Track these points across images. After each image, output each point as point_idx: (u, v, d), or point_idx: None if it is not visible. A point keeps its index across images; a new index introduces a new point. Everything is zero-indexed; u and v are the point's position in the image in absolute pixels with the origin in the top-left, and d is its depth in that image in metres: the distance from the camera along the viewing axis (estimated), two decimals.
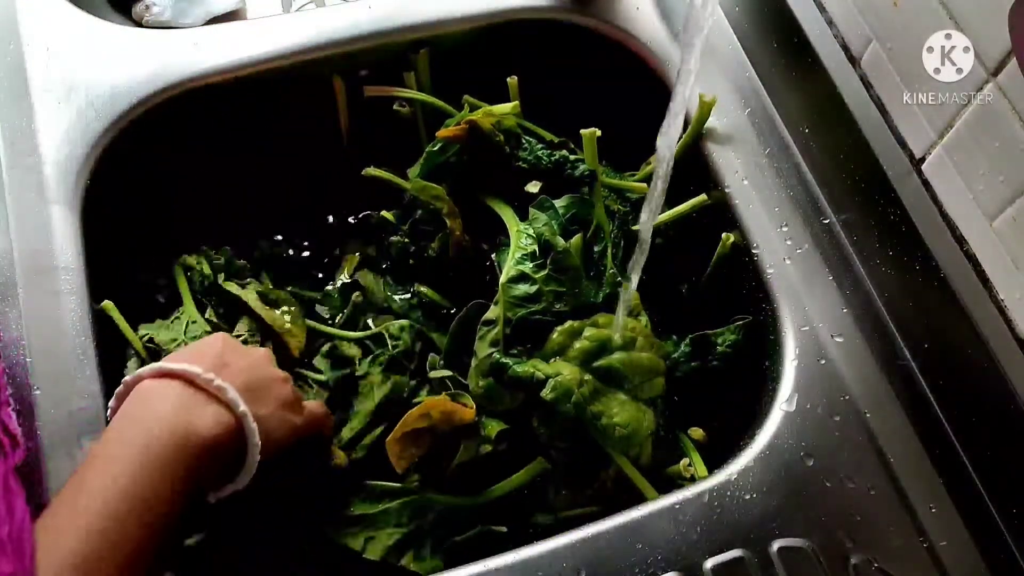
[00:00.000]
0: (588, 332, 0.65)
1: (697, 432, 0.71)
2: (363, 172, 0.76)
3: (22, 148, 0.70)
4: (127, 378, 0.54)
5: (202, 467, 0.51)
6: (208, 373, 0.53)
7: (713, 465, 0.65)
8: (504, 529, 0.65)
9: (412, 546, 0.63)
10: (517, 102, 0.75)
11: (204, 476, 0.52)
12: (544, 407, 0.63)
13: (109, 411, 0.56)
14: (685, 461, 0.68)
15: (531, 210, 0.70)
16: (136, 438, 0.49)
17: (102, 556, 0.45)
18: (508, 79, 0.77)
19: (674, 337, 0.73)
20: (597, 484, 0.65)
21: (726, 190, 0.72)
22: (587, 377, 0.64)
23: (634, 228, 0.72)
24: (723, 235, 0.71)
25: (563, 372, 0.63)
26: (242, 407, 0.53)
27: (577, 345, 0.65)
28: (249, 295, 0.72)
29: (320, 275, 0.84)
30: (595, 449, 0.64)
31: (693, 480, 0.67)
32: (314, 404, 0.63)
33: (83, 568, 0.44)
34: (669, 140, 0.62)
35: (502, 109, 0.74)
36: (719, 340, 0.70)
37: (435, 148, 0.73)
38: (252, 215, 0.82)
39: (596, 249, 0.70)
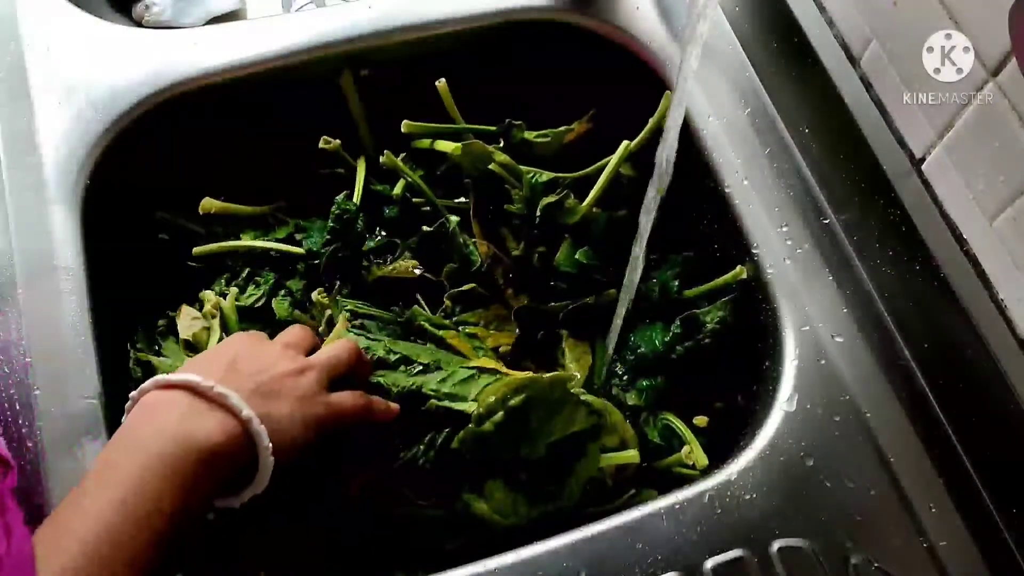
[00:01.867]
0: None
1: (701, 420, 0.71)
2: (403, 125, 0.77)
3: (22, 148, 0.70)
4: (134, 392, 0.54)
5: (207, 476, 0.50)
6: (208, 381, 0.52)
7: (713, 464, 0.65)
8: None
9: (400, 567, 0.64)
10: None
11: (211, 484, 0.51)
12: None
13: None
14: (687, 449, 0.68)
15: None
16: (137, 451, 0.49)
17: (100, 569, 0.45)
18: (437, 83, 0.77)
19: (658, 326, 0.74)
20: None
21: (726, 190, 0.72)
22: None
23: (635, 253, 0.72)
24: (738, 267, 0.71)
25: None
26: (245, 411, 0.52)
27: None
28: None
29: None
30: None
31: (694, 468, 0.67)
32: (345, 394, 0.60)
33: None
34: (668, 151, 0.62)
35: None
36: (707, 318, 0.72)
37: None
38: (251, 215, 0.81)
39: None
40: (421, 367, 0.65)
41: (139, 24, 0.91)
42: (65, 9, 0.77)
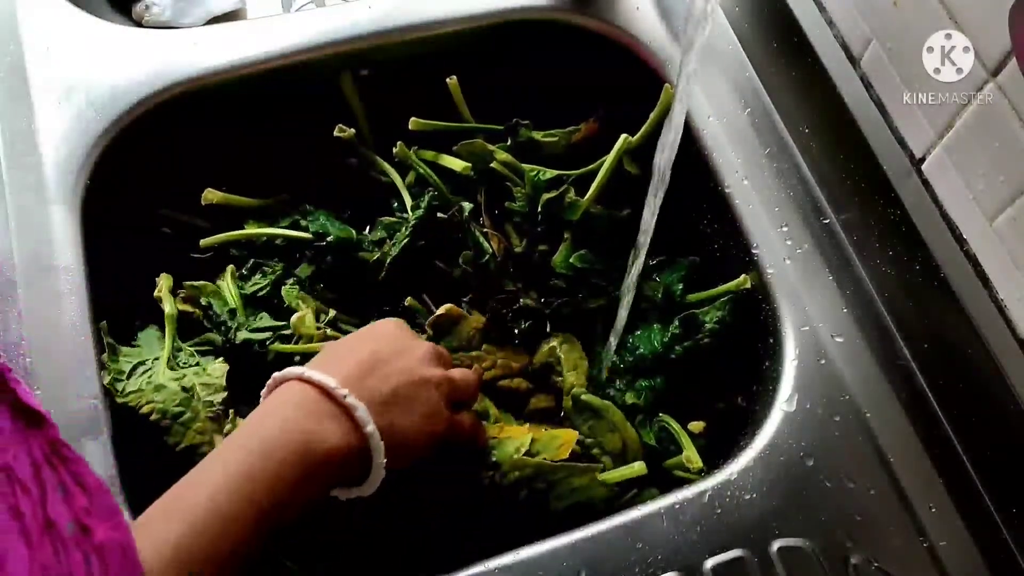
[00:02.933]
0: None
1: (697, 425, 0.71)
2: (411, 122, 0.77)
3: (22, 148, 0.70)
4: (277, 374, 0.55)
5: (320, 475, 0.51)
6: (342, 388, 0.53)
7: (713, 465, 0.65)
8: None
9: None
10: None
11: (321, 483, 0.52)
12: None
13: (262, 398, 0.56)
14: (687, 454, 0.68)
15: None
16: (260, 440, 0.50)
17: (201, 546, 0.46)
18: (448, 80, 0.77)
19: (656, 327, 0.74)
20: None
21: (726, 190, 0.72)
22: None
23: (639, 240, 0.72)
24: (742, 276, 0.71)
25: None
26: (369, 427, 0.53)
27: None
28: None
29: None
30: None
31: (696, 472, 0.67)
32: (464, 415, 0.62)
33: (181, 551, 0.45)
34: (667, 158, 0.63)
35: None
36: (707, 318, 0.72)
37: None
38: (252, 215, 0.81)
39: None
40: None
41: (139, 24, 0.90)
42: (65, 9, 0.77)
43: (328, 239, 0.76)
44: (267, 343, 0.70)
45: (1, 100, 0.72)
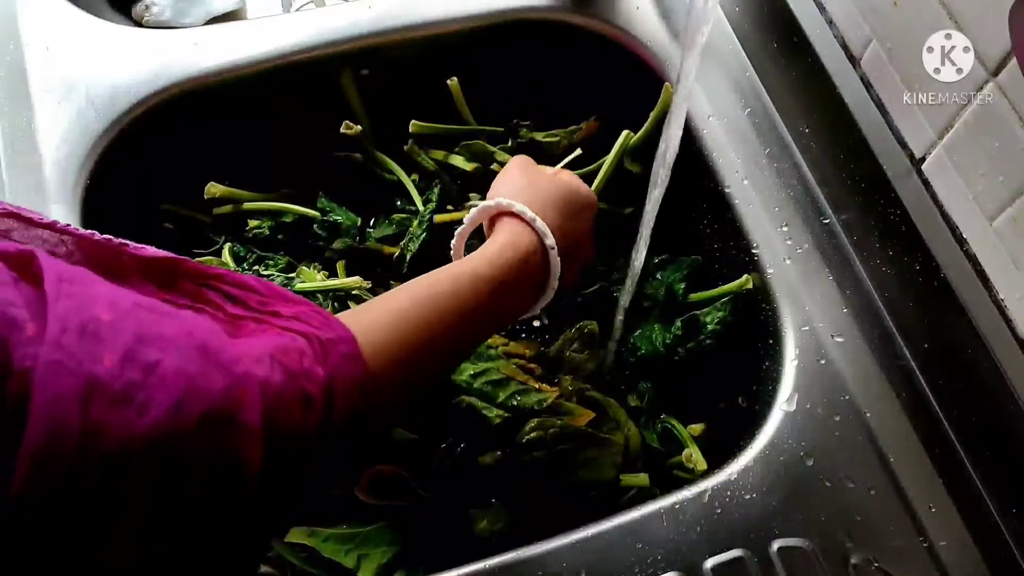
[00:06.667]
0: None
1: (696, 428, 0.71)
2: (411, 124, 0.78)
3: (22, 148, 0.70)
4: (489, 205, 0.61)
5: (521, 273, 0.57)
6: (547, 231, 0.58)
7: (713, 465, 0.65)
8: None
9: (403, 565, 0.64)
10: None
11: (520, 283, 0.57)
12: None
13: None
14: (687, 452, 0.68)
15: None
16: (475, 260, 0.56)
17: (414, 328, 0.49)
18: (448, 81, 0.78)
19: (657, 326, 0.74)
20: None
21: (726, 190, 0.72)
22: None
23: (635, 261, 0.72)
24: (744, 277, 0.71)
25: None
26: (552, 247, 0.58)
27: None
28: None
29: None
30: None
31: (693, 472, 0.68)
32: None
33: (396, 318, 0.48)
34: (668, 158, 0.63)
35: None
36: (708, 319, 0.72)
37: None
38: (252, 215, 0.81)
39: None
40: None
41: (139, 24, 0.90)
42: (65, 9, 0.77)
43: (336, 219, 0.77)
44: None
45: (1, 100, 0.72)
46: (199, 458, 0.34)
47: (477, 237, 0.64)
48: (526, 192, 0.61)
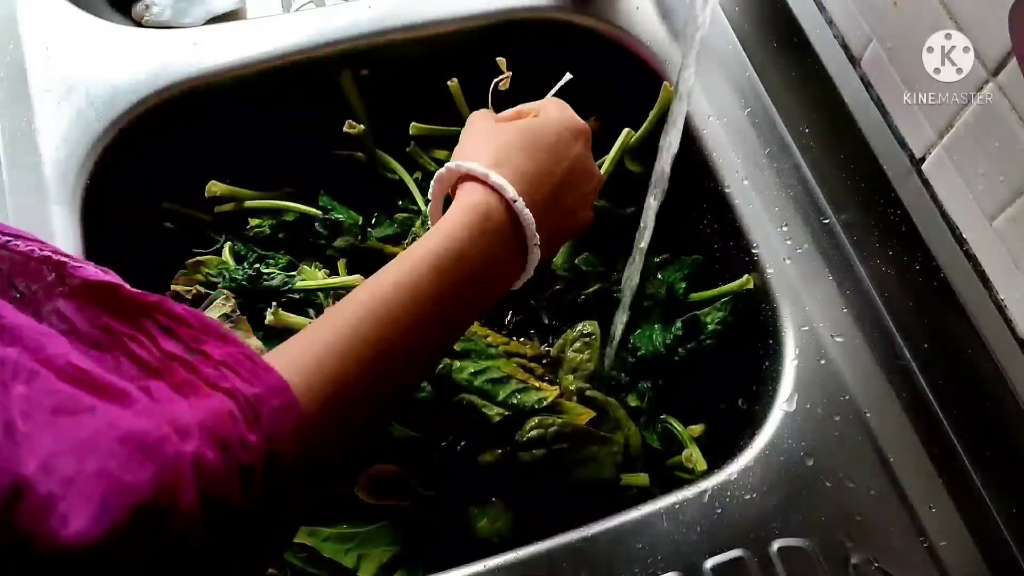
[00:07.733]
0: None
1: (696, 428, 0.71)
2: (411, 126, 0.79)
3: (22, 148, 0.70)
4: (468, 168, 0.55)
5: (489, 233, 0.52)
6: (517, 197, 0.53)
7: (713, 465, 0.65)
8: None
9: (403, 564, 0.64)
10: None
11: (490, 245, 0.52)
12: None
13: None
14: (687, 452, 0.68)
15: None
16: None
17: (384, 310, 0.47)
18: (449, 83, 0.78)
19: (658, 326, 0.74)
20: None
21: (726, 190, 0.72)
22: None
23: (640, 246, 0.72)
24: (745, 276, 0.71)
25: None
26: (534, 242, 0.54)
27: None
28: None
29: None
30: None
31: (693, 472, 0.68)
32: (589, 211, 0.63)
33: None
34: (668, 157, 0.63)
35: None
36: (708, 319, 0.72)
37: None
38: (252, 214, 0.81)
39: None
40: (453, 350, 0.67)
41: (139, 24, 0.90)
42: (65, 9, 0.77)
43: (337, 218, 0.77)
44: None
45: (1, 100, 0.72)
46: (137, 556, 0.33)
47: None
48: (482, 146, 0.56)
